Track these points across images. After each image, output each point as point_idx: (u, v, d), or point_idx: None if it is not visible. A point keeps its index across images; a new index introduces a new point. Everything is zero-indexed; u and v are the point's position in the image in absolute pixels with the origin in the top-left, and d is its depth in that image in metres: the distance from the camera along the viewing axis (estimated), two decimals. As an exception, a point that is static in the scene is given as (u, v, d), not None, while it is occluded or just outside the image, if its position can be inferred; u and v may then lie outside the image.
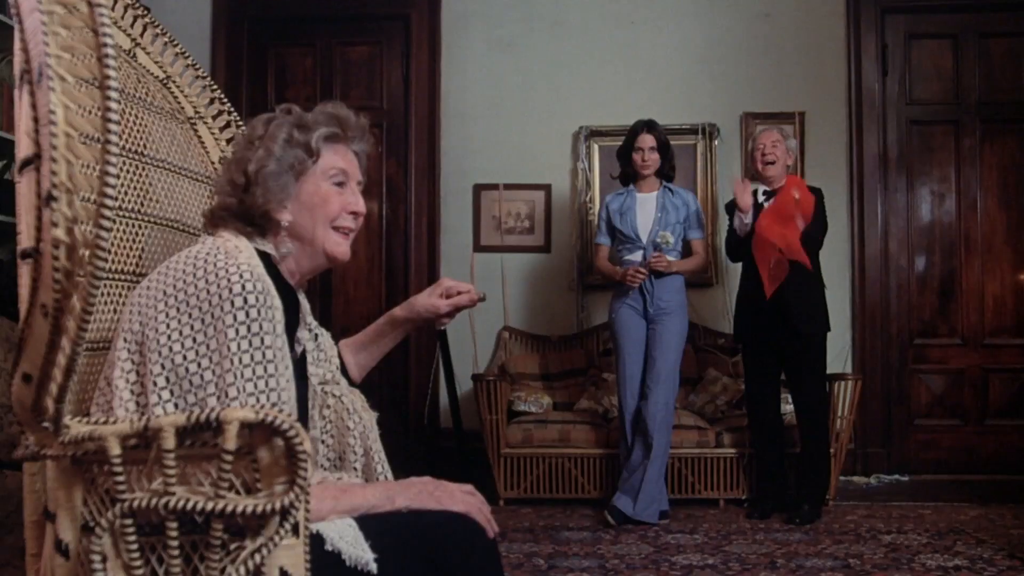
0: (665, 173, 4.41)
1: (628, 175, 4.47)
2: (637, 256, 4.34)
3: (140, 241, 1.70)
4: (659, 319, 4.27)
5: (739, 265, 4.49)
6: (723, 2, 5.38)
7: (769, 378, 4.31)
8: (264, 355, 1.37)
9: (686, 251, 4.43)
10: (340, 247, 1.65)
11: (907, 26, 5.34)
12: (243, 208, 1.57)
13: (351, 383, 1.84)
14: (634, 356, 4.30)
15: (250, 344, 1.36)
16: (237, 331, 1.36)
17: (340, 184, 1.64)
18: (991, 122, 5.33)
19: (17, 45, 1.15)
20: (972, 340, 5.30)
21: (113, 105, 1.01)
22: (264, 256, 1.55)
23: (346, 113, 1.65)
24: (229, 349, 1.35)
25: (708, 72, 5.37)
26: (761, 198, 4.29)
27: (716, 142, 5.32)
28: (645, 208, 4.37)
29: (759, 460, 4.40)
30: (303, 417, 1.60)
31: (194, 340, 1.36)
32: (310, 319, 1.73)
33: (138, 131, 1.75)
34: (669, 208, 4.34)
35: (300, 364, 1.65)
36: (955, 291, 5.34)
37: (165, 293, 1.40)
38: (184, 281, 1.40)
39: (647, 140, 4.34)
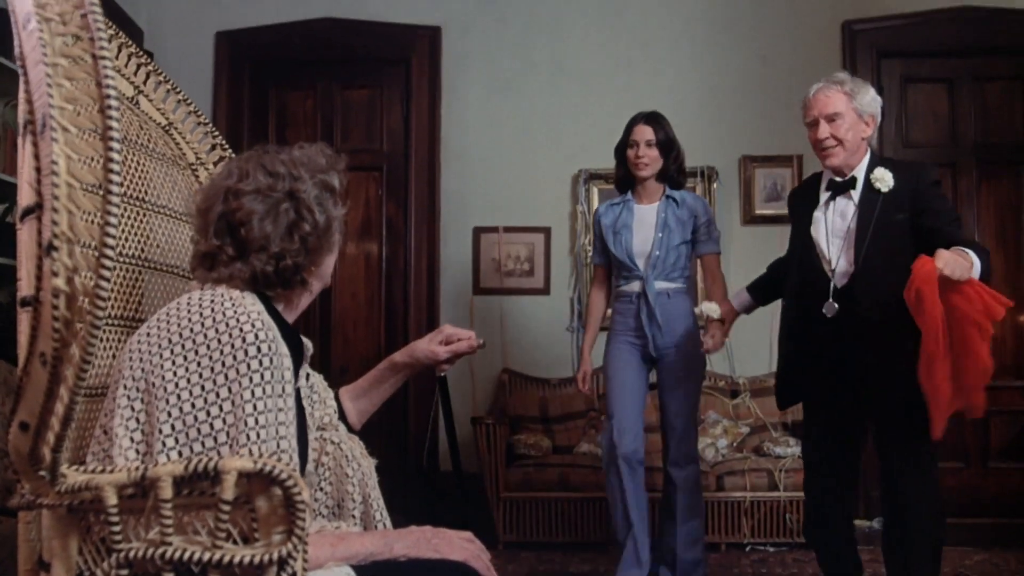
0: (671, 177, 3.64)
1: (626, 180, 3.73)
2: (635, 287, 3.58)
3: (140, 286, 1.71)
4: (665, 355, 3.55)
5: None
6: (720, 46, 5.44)
7: (846, 461, 2.97)
8: (276, 403, 1.37)
9: (692, 270, 3.75)
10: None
11: (903, 70, 5.39)
12: (301, 264, 1.55)
13: (350, 430, 1.83)
14: (627, 403, 3.54)
15: (264, 392, 1.36)
16: (251, 379, 1.36)
17: None
18: (988, 164, 5.35)
19: (22, 96, 1.16)
20: (973, 382, 5.28)
21: (115, 156, 1.02)
22: (263, 298, 1.55)
23: (330, 150, 1.67)
24: (242, 398, 1.35)
25: (706, 115, 5.41)
26: (824, 195, 2.99)
27: (715, 185, 5.34)
28: (643, 224, 3.61)
29: None
30: (302, 450, 1.59)
31: (203, 388, 1.35)
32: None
33: (139, 177, 1.76)
34: (672, 224, 3.56)
35: (295, 398, 1.64)
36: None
37: (171, 341, 1.39)
38: (191, 329, 1.40)
39: (644, 132, 3.59)
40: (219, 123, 5.42)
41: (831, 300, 2.84)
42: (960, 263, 2.52)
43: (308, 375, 1.76)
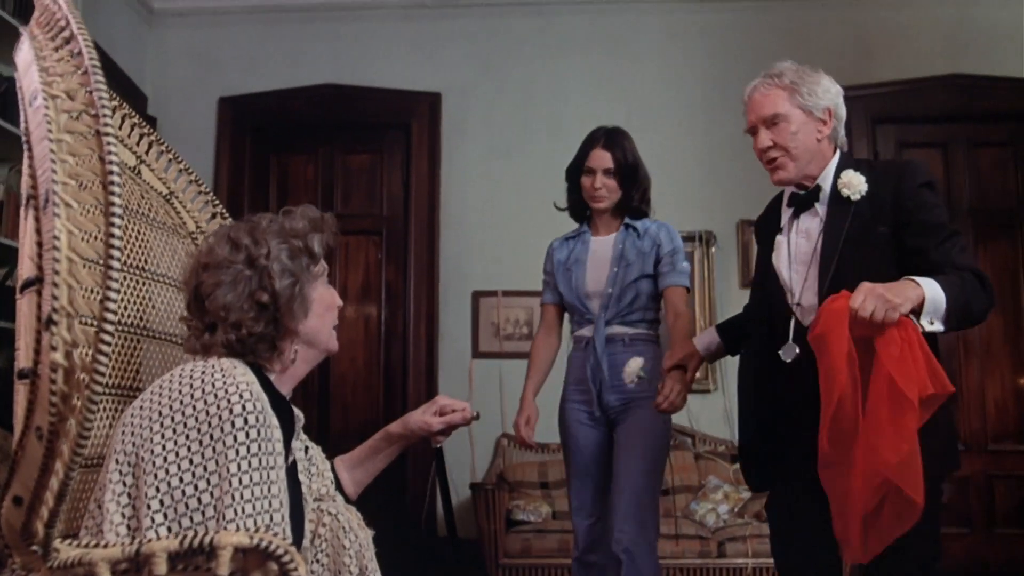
0: (632, 207, 3.04)
1: (580, 207, 3.16)
2: (587, 332, 3.02)
3: (139, 355, 1.71)
4: (620, 418, 2.93)
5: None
6: (716, 110, 5.50)
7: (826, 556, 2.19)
8: (263, 476, 1.36)
9: (654, 308, 3.03)
10: (336, 341, 1.68)
11: (897, 135, 5.46)
12: (262, 334, 1.55)
13: (347, 500, 1.81)
14: (584, 475, 2.99)
15: (249, 465, 1.35)
16: (237, 452, 1.35)
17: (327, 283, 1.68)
18: (984, 227, 5.39)
19: (25, 171, 1.17)
20: (976, 446, 5.24)
21: (117, 232, 1.03)
22: (255, 368, 1.55)
23: (315, 212, 1.68)
24: (228, 471, 1.33)
25: (703, 180, 5.45)
26: (786, 213, 2.38)
27: (713, 249, 5.37)
28: (598, 259, 3.04)
29: None
30: (298, 523, 1.57)
31: (191, 462, 1.34)
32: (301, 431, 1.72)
33: (140, 246, 1.77)
34: (631, 256, 2.96)
35: (291, 471, 1.63)
36: (956, 395, 5.29)
37: (160, 414, 1.39)
38: (181, 401, 1.39)
39: (601, 159, 3.03)
40: (221, 187, 5.46)
41: (791, 342, 2.17)
42: (884, 298, 1.88)
43: (308, 447, 1.75)
